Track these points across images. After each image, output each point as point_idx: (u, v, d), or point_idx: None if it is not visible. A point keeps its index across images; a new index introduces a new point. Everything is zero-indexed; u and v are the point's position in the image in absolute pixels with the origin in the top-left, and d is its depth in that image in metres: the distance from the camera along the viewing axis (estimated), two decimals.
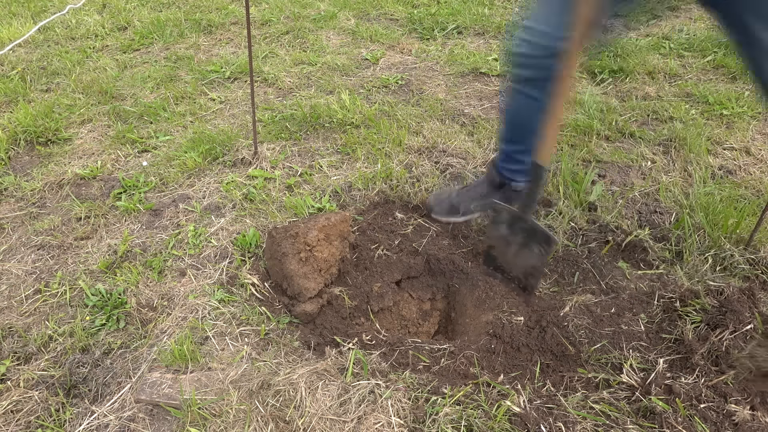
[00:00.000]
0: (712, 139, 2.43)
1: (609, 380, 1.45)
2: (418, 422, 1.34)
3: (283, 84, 3.08)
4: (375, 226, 2.00)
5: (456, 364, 1.52)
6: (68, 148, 2.54)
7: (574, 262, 1.86)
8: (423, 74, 3.18)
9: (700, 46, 3.32)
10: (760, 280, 1.73)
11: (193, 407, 1.38)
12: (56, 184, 2.30)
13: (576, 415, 1.34)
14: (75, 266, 1.88)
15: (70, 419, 1.40)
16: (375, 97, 2.91)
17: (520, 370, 1.52)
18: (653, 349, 1.53)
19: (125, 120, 2.75)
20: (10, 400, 1.43)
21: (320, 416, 1.34)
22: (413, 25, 3.89)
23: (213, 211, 2.12)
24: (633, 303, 1.68)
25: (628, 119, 2.62)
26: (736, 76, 2.97)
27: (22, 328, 1.66)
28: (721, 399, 1.37)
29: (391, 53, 3.48)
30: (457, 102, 2.86)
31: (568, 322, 1.61)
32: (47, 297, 1.77)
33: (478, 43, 3.61)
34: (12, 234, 2.05)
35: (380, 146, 2.43)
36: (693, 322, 1.55)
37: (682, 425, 1.30)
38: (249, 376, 1.48)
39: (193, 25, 3.90)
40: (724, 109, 2.64)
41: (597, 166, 2.29)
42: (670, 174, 2.23)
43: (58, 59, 3.42)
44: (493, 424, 1.31)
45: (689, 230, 1.89)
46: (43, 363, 1.54)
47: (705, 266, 1.76)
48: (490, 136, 2.51)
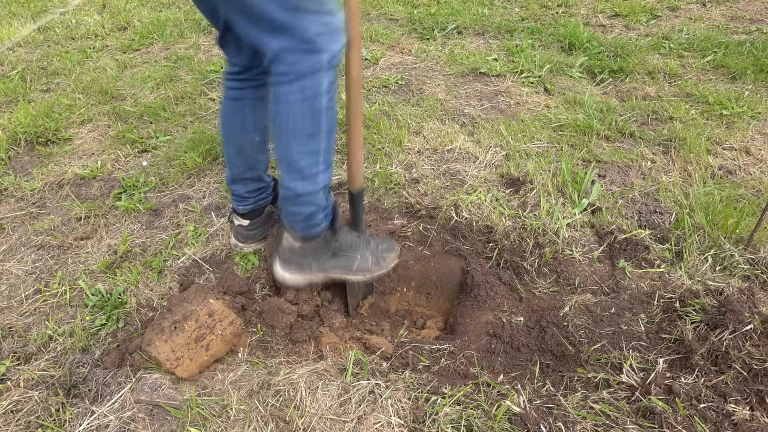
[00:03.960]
0: (712, 139, 2.43)
1: (609, 380, 1.45)
2: (418, 422, 1.34)
3: None
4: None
5: (456, 364, 1.52)
6: (68, 148, 2.54)
7: (574, 262, 1.86)
8: (423, 74, 3.18)
9: (700, 46, 3.32)
10: (760, 280, 1.73)
11: (193, 407, 1.38)
12: (56, 184, 2.30)
13: (576, 414, 1.35)
14: (75, 266, 1.88)
15: (70, 419, 1.39)
16: (375, 97, 2.91)
17: (520, 370, 1.52)
18: (653, 349, 1.53)
19: (125, 120, 2.75)
20: (10, 400, 1.43)
21: (320, 416, 1.34)
22: (413, 25, 3.89)
23: (213, 211, 2.12)
24: (633, 303, 1.68)
25: (628, 119, 2.62)
26: (736, 76, 2.97)
27: (22, 328, 1.66)
28: (721, 399, 1.37)
29: (391, 53, 3.48)
30: (457, 102, 2.86)
31: (568, 322, 1.61)
32: (47, 297, 1.77)
33: (478, 43, 3.61)
34: (12, 234, 2.05)
35: (380, 146, 2.43)
36: (693, 322, 1.55)
37: (682, 425, 1.30)
38: (249, 376, 1.48)
39: (193, 25, 3.90)
40: (724, 109, 2.64)
41: (597, 166, 2.29)
42: (670, 174, 2.23)
43: (58, 59, 3.42)
44: (493, 424, 1.31)
45: (689, 230, 1.89)
46: (43, 363, 1.54)
47: (705, 266, 1.77)
48: (490, 136, 2.51)
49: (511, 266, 1.84)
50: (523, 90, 2.96)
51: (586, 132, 2.52)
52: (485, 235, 1.95)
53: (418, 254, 1.92)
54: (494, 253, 1.88)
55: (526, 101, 2.85)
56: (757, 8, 3.97)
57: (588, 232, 1.96)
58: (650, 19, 3.90)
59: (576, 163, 2.29)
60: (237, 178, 1.76)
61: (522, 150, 2.38)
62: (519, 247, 1.89)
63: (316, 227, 1.56)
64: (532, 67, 3.16)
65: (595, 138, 2.47)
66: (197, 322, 1.51)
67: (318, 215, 1.54)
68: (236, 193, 1.79)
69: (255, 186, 1.79)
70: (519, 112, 2.74)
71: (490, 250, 1.90)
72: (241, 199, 1.80)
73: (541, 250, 1.87)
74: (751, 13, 3.89)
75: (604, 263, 1.85)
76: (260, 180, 1.80)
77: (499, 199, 2.10)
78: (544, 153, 2.37)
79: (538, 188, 2.11)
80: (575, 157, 2.32)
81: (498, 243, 1.91)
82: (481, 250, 1.91)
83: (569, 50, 3.41)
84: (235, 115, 1.66)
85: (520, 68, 3.15)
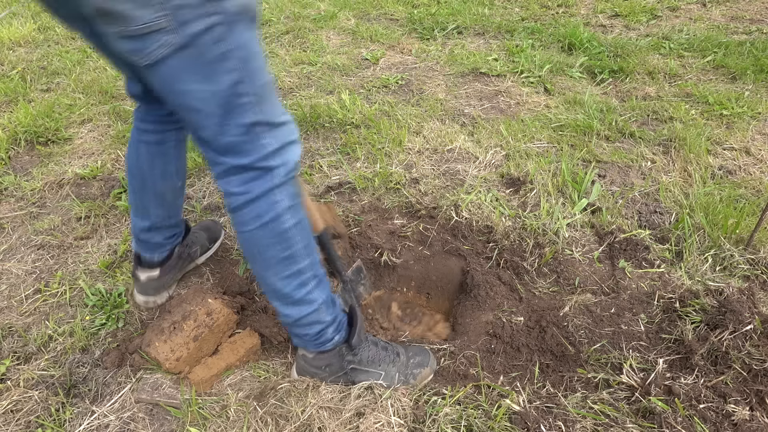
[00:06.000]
0: (712, 139, 2.43)
1: (609, 380, 1.45)
2: (418, 422, 1.34)
3: (283, 84, 3.08)
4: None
5: (456, 364, 1.52)
6: (68, 148, 2.54)
7: (574, 262, 1.86)
8: (423, 74, 3.18)
9: (700, 46, 3.32)
10: (760, 280, 1.73)
11: (193, 407, 1.38)
12: (56, 184, 2.30)
13: (576, 414, 1.35)
14: (75, 266, 1.88)
15: (70, 419, 1.39)
16: (375, 97, 2.91)
17: (520, 370, 1.52)
18: (653, 349, 1.53)
19: (125, 120, 2.75)
20: (10, 400, 1.43)
21: (320, 416, 1.34)
22: (413, 25, 3.89)
23: (213, 211, 2.12)
24: (633, 303, 1.68)
25: (628, 119, 2.62)
26: (736, 76, 2.97)
27: (22, 328, 1.66)
28: (721, 399, 1.37)
29: (391, 53, 3.48)
30: (457, 102, 2.86)
31: (568, 322, 1.61)
32: (47, 297, 1.77)
33: (478, 43, 3.61)
34: (12, 234, 2.05)
35: (380, 146, 2.43)
36: (693, 322, 1.55)
37: (682, 425, 1.30)
38: (249, 377, 1.48)
39: None
40: (724, 109, 2.64)
41: (597, 166, 2.29)
42: (670, 174, 2.23)
43: (58, 59, 3.42)
44: (493, 424, 1.31)
45: (689, 230, 1.89)
46: (43, 363, 1.54)
47: (705, 266, 1.77)
48: (490, 136, 2.51)
49: (511, 266, 1.84)
50: (523, 90, 2.96)
51: (586, 132, 2.52)
52: (485, 235, 1.95)
53: (418, 254, 1.92)
54: (494, 253, 1.88)
55: (526, 101, 2.85)
56: (757, 8, 3.97)
57: (588, 232, 1.96)
58: (650, 19, 3.90)
59: (576, 163, 2.29)
60: (155, 227, 1.59)
61: (522, 150, 2.38)
62: (519, 247, 1.89)
63: (328, 343, 1.38)
64: (532, 67, 3.16)
65: (595, 138, 2.47)
66: (195, 322, 1.51)
67: (327, 331, 1.36)
68: (151, 241, 1.61)
69: (172, 232, 1.65)
70: (519, 112, 2.74)
71: (490, 250, 1.90)
72: (156, 247, 1.63)
73: (541, 250, 1.87)
74: (751, 13, 3.89)
75: (604, 263, 1.85)
76: (177, 225, 1.66)
77: (499, 199, 2.10)
78: (544, 153, 2.37)
79: (538, 188, 2.11)
80: (575, 157, 2.32)
81: (498, 243, 1.91)
82: (481, 250, 1.91)
83: (569, 50, 3.41)
84: (156, 161, 1.47)
85: (520, 68, 3.15)
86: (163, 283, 1.69)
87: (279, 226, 1.20)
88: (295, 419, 1.34)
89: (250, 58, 1.05)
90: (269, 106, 1.12)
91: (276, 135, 1.14)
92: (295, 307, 1.30)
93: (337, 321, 1.38)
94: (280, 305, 1.32)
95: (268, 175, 1.15)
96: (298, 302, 1.29)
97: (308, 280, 1.28)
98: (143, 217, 1.57)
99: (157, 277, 1.66)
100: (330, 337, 1.37)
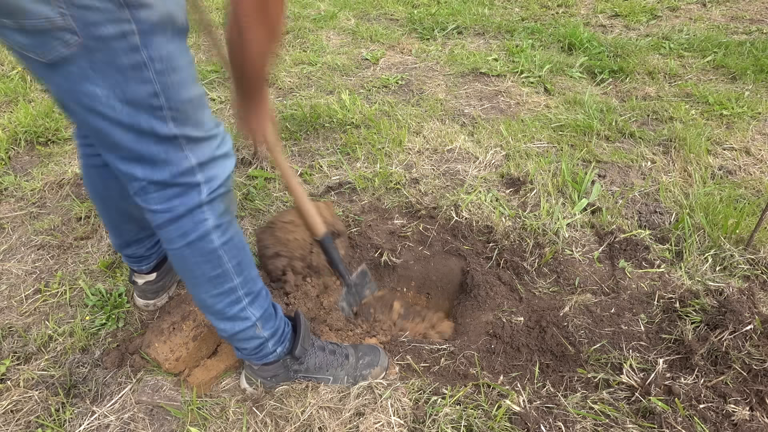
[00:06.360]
0: (712, 139, 2.43)
1: (609, 380, 1.45)
2: (418, 422, 1.34)
3: (283, 84, 3.08)
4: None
5: (456, 364, 1.52)
6: (68, 148, 2.54)
7: (574, 262, 1.86)
8: (423, 74, 3.18)
9: (700, 46, 3.32)
10: (760, 280, 1.73)
11: (193, 406, 1.38)
12: (56, 184, 2.30)
13: (576, 414, 1.35)
14: (75, 266, 1.88)
15: (70, 419, 1.40)
16: (375, 97, 2.91)
17: (520, 370, 1.52)
18: (653, 349, 1.53)
19: None
20: (10, 400, 1.43)
21: (320, 416, 1.34)
22: (413, 25, 3.89)
23: None
24: (633, 303, 1.68)
25: (628, 119, 2.62)
26: (736, 76, 2.97)
27: (22, 328, 1.66)
28: (721, 399, 1.37)
29: (391, 53, 3.48)
30: (457, 102, 2.86)
31: (568, 322, 1.61)
32: (47, 297, 1.77)
33: (478, 43, 3.62)
34: (12, 234, 2.05)
35: (380, 146, 2.43)
36: (693, 322, 1.55)
37: (682, 425, 1.30)
38: None
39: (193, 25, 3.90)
40: (724, 109, 2.64)
41: (597, 166, 2.29)
42: (670, 174, 2.23)
43: None
44: (493, 424, 1.31)
45: (689, 230, 1.89)
46: (43, 363, 1.54)
47: (705, 266, 1.77)
48: (490, 136, 2.51)
49: (511, 266, 1.84)
50: (523, 90, 2.96)
51: (586, 132, 2.52)
52: (485, 235, 1.95)
53: (418, 254, 1.92)
54: (494, 253, 1.88)
55: (526, 101, 2.85)
56: (757, 8, 3.98)
57: (588, 232, 1.96)
58: (650, 19, 3.90)
59: (576, 163, 2.29)
60: (131, 242, 1.55)
61: (522, 150, 2.38)
62: (519, 247, 1.89)
63: (270, 355, 1.35)
64: (532, 67, 3.16)
65: (595, 138, 2.47)
66: (195, 322, 1.51)
67: (267, 345, 1.33)
68: (134, 255, 1.57)
69: (153, 241, 1.60)
70: (519, 112, 2.74)
71: (490, 250, 1.90)
72: (142, 259, 1.59)
73: (541, 250, 1.87)
74: (751, 13, 3.89)
75: (604, 263, 1.85)
76: (155, 234, 1.57)
77: (499, 199, 2.10)
78: (544, 153, 2.37)
79: (538, 188, 2.11)
80: (575, 157, 2.32)
81: (498, 243, 1.91)
82: (481, 250, 1.91)
83: (569, 50, 3.41)
84: (110, 182, 1.40)
85: (520, 68, 3.15)
86: (162, 285, 1.68)
87: (206, 245, 1.13)
88: (295, 419, 1.34)
89: (169, 72, 0.97)
90: (192, 122, 1.03)
91: (200, 148, 1.05)
92: (229, 322, 1.26)
93: (278, 334, 1.34)
94: (213, 320, 1.28)
95: (193, 192, 1.07)
96: (232, 318, 1.25)
97: (241, 298, 1.23)
98: (117, 235, 1.53)
99: (154, 281, 1.65)
100: (271, 350, 1.34)
